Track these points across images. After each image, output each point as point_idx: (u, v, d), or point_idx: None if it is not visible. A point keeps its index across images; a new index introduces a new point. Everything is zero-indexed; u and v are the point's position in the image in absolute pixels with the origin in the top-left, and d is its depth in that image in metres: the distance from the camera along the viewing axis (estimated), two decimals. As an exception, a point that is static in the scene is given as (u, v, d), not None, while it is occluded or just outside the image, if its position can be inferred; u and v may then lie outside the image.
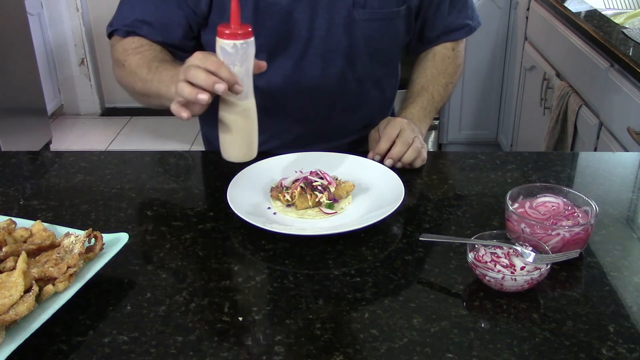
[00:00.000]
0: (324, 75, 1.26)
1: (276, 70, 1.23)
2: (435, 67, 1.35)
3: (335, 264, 0.92)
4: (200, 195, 1.11)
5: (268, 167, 1.14)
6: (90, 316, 0.82)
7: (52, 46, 3.86)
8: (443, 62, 1.36)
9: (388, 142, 1.16)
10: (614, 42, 1.95)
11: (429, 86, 1.33)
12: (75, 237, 0.87)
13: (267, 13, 1.18)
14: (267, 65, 1.02)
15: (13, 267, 0.81)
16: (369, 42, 1.25)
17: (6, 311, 0.74)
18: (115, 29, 1.26)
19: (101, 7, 3.88)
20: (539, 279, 0.85)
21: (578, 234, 0.89)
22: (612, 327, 0.79)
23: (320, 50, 1.23)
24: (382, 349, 0.76)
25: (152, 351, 0.76)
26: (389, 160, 1.15)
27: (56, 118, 3.99)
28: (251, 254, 0.95)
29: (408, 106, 1.30)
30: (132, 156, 1.26)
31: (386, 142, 1.16)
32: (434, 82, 1.33)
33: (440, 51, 1.37)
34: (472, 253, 0.88)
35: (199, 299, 0.85)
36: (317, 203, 1.04)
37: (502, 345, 0.77)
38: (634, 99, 1.81)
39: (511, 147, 3.06)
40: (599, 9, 2.35)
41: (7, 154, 1.28)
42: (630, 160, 1.30)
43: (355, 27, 1.22)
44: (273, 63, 1.20)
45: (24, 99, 3.29)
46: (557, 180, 1.16)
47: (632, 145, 1.78)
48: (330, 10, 1.21)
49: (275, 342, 0.77)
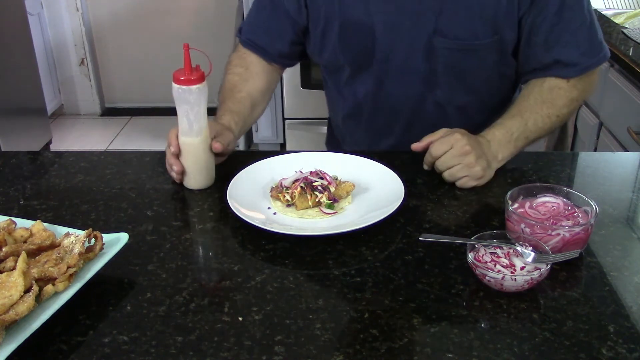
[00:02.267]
0: (402, 95, 1.30)
1: (360, 85, 1.33)
2: (540, 95, 1.22)
3: (335, 264, 0.92)
4: (200, 195, 1.11)
5: (268, 167, 1.14)
6: (90, 316, 0.82)
7: (52, 46, 3.86)
8: (551, 92, 1.22)
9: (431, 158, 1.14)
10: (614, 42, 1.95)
11: (526, 112, 1.20)
12: (75, 237, 0.87)
13: (351, 30, 1.25)
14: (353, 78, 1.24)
15: (13, 267, 0.81)
16: (450, 69, 1.25)
17: (6, 311, 0.74)
18: (238, 35, 1.41)
19: (101, 7, 3.89)
20: (539, 279, 0.85)
21: (578, 234, 0.89)
22: (612, 327, 0.79)
23: (399, 72, 1.27)
24: (382, 349, 0.76)
25: (152, 351, 0.76)
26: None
27: (56, 118, 3.99)
28: (251, 254, 0.95)
29: (494, 126, 1.19)
30: (132, 156, 1.26)
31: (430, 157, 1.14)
32: (534, 109, 1.20)
33: (552, 80, 1.23)
34: (472, 253, 0.88)
35: (199, 299, 0.85)
36: (317, 203, 1.04)
37: (502, 345, 0.76)
38: (633, 99, 1.81)
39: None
40: (599, 9, 2.35)
41: (7, 154, 1.28)
42: (630, 160, 1.30)
43: (435, 53, 1.23)
44: (357, 77, 1.32)
45: (24, 99, 3.29)
46: (557, 180, 1.16)
47: (632, 145, 1.79)
48: (411, 35, 1.22)
49: (275, 342, 0.77)
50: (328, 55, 1.31)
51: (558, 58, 1.21)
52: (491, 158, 1.14)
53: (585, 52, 1.21)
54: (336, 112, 1.46)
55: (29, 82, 3.34)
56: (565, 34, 1.19)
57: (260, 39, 1.35)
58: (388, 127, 1.36)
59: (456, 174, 1.11)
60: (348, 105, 1.39)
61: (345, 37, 1.26)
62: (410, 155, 1.18)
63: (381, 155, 1.17)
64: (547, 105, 1.21)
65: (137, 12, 3.88)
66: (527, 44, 1.22)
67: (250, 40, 1.35)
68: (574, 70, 1.21)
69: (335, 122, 1.50)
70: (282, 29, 1.32)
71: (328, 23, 1.26)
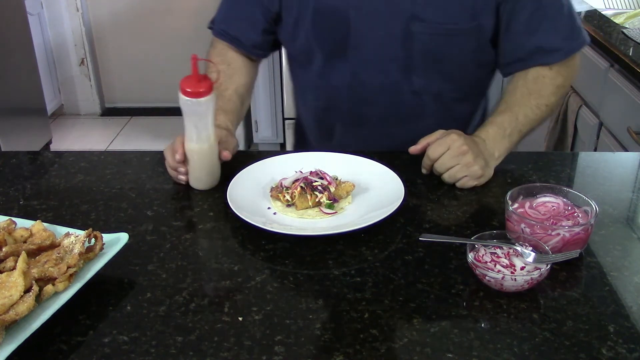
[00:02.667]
0: (379, 84, 1.28)
1: (334, 74, 1.29)
2: (526, 87, 1.22)
3: (335, 264, 0.92)
4: (200, 195, 1.11)
5: (268, 167, 1.14)
6: (90, 316, 0.82)
7: (52, 46, 3.86)
8: (537, 82, 1.22)
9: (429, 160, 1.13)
10: (614, 42, 1.95)
11: (515, 107, 1.20)
12: (75, 237, 0.87)
13: (325, 17, 1.23)
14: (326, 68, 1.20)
15: (13, 267, 0.81)
16: (427, 56, 1.24)
17: (6, 311, 0.74)
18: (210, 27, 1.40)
19: (101, 7, 3.89)
20: (539, 279, 0.85)
21: (578, 234, 0.89)
22: (612, 327, 0.79)
23: (376, 59, 1.25)
24: (382, 349, 0.76)
25: (152, 351, 0.76)
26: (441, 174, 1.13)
27: (56, 118, 3.99)
28: (251, 254, 0.95)
29: (486, 125, 1.20)
30: (132, 156, 1.26)
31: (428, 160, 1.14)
32: (522, 102, 1.21)
33: (536, 70, 1.22)
34: (472, 253, 0.88)
35: (199, 299, 0.85)
36: (317, 203, 1.04)
37: (502, 345, 0.77)
38: (634, 99, 1.81)
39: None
40: (599, 9, 2.35)
41: (7, 154, 1.28)
42: (630, 160, 1.30)
43: (413, 39, 1.21)
44: (331, 66, 1.28)
45: (24, 99, 3.29)
46: (557, 180, 1.16)
47: (632, 145, 1.79)
48: (387, 21, 1.21)
49: (275, 342, 0.77)
50: (301, 43, 1.29)
51: (539, 44, 1.21)
52: (488, 156, 1.14)
53: (567, 36, 1.22)
54: (307, 107, 1.43)
55: (29, 82, 3.34)
56: (545, 21, 1.20)
57: (234, 28, 1.34)
58: (364, 117, 1.33)
59: (455, 174, 1.11)
60: (322, 97, 1.36)
61: (318, 24, 1.25)
62: (410, 155, 1.18)
63: (381, 155, 1.17)
64: (534, 96, 1.21)
65: (137, 12, 3.88)
66: (506, 31, 1.22)
67: (224, 31, 1.34)
68: (557, 56, 1.22)
69: (306, 119, 1.46)
70: (255, 18, 1.31)
71: (302, 9, 1.25)
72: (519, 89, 1.23)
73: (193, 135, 1.08)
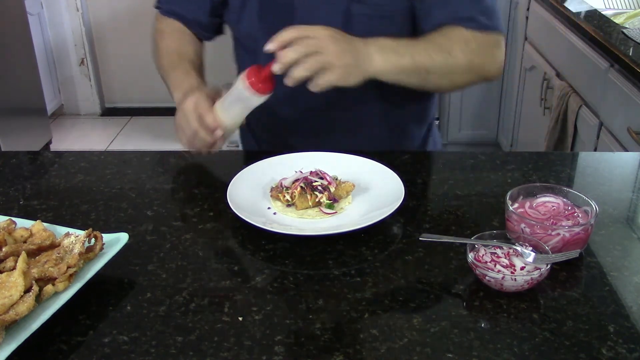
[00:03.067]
0: None
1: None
2: (436, 33, 1.17)
3: (335, 264, 0.92)
4: (200, 195, 1.11)
5: (268, 167, 1.14)
6: (90, 316, 0.82)
7: (52, 46, 3.86)
8: (448, 32, 1.17)
9: (278, 42, 1.04)
10: (614, 42, 1.95)
11: (418, 40, 1.17)
12: (75, 237, 0.87)
13: (270, 3, 1.24)
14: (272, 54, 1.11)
15: (13, 267, 0.81)
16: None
17: (6, 311, 0.74)
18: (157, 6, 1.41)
19: (101, 7, 3.89)
20: (539, 279, 0.85)
21: (578, 234, 0.89)
22: (612, 327, 0.79)
23: None
24: (382, 349, 0.76)
25: (152, 351, 0.76)
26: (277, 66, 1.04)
27: (56, 118, 3.99)
28: (251, 254, 0.95)
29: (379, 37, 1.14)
30: (132, 156, 1.26)
31: (276, 42, 1.04)
32: (426, 39, 1.17)
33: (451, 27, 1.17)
34: (472, 253, 0.88)
35: (199, 299, 0.85)
36: (317, 203, 1.04)
37: (502, 345, 0.77)
38: (634, 99, 1.81)
39: (511, 147, 3.06)
40: (599, 9, 2.35)
41: (7, 154, 1.28)
42: (630, 160, 1.30)
43: (353, 22, 1.21)
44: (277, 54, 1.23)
45: (24, 99, 3.29)
46: (557, 180, 1.16)
47: (632, 145, 1.78)
48: (329, 4, 1.21)
49: (275, 342, 0.77)
50: (245, 26, 1.29)
51: (455, 13, 1.17)
52: (363, 55, 1.08)
53: (483, 11, 1.18)
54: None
55: (29, 82, 3.34)
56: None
57: (179, 7, 1.36)
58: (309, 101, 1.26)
59: (306, 64, 1.02)
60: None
61: (263, 7, 1.25)
62: (410, 155, 1.18)
63: (381, 155, 1.17)
64: (441, 39, 1.16)
65: (137, 12, 3.88)
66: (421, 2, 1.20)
67: (171, 10, 1.37)
68: (472, 25, 1.17)
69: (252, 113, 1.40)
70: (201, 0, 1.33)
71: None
72: (428, 34, 1.19)
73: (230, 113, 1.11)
